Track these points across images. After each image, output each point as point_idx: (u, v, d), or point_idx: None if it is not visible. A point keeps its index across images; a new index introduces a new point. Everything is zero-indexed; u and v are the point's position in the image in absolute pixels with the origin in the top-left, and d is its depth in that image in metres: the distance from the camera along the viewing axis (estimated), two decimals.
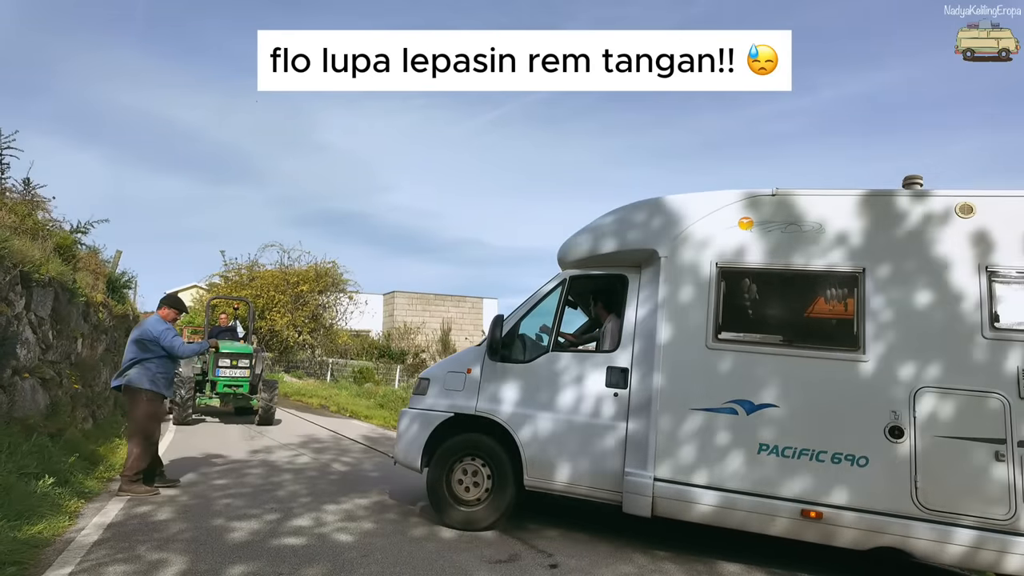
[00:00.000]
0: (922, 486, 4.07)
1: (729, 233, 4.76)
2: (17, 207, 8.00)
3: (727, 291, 4.74)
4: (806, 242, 4.59)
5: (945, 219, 4.35)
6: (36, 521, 4.51)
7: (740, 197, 4.80)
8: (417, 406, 5.52)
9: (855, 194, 4.59)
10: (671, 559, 4.63)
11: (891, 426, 4.18)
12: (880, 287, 4.38)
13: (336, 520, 5.16)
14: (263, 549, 4.35)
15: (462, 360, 5.57)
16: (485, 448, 5.17)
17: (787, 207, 4.70)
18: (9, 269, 6.47)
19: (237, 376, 11.52)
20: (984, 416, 4.03)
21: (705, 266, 4.77)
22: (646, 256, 5.00)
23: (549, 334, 5.26)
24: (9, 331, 6.41)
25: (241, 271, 22.54)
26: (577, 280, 5.40)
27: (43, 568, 3.84)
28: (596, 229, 5.27)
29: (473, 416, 5.21)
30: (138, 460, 5.79)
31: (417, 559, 4.32)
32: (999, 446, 3.97)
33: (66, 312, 8.34)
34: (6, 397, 6.30)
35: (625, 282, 5.14)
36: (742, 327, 4.78)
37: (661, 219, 4.98)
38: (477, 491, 5.13)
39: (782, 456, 4.36)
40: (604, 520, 5.34)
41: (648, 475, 4.58)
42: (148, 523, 4.84)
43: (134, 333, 6.13)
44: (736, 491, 4.42)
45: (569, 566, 4.36)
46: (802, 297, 4.77)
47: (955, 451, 4.05)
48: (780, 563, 4.64)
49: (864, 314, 4.37)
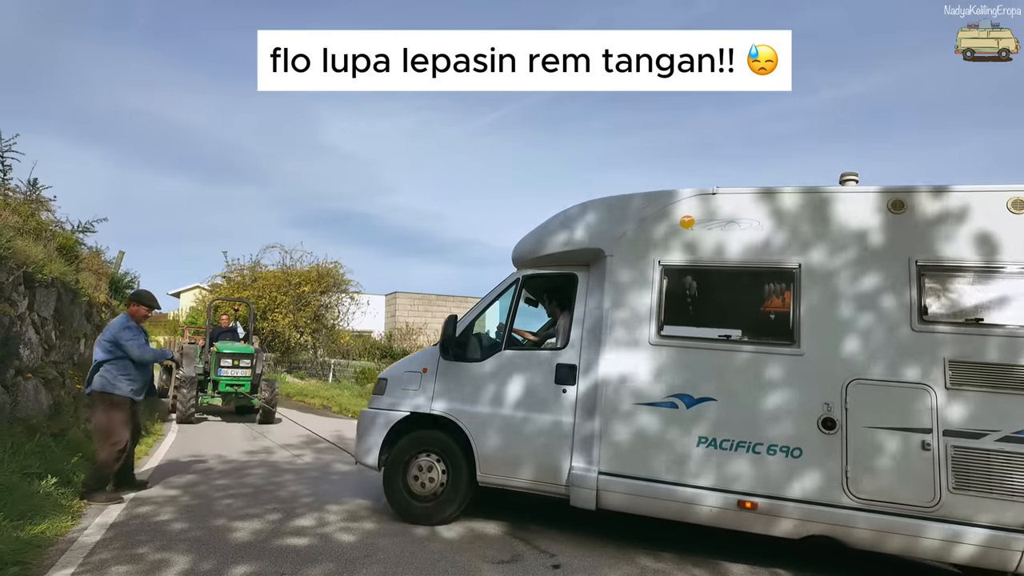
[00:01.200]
0: (852, 476, 4.18)
1: (672, 232, 4.89)
2: (20, 208, 8.01)
3: (669, 288, 4.86)
4: (745, 239, 4.70)
5: (878, 215, 4.46)
6: (39, 521, 4.51)
7: (682, 196, 4.92)
8: (375, 406, 5.61)
9: (792, 192, 4.70)
10: (674, 560, 4.61)
11: (824, 418, 4.28)
12: (815, 282, 4.49)
13: (338, 520, 5.16)
14: (265, 549, 4.35)
15: (418, 360, 5.65)
16: (440, 444, 5.27)
17: (727, 206, 4.80)
18: (12, 270, 6.48)
19: (239, 376, 11.76)
20: (912, 407, 4.14)
21: (648, 264, 4.89)
22: (593, 255, 5.11)
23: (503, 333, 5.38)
24: (12, 331, 6.42)
25: (243, 272, 22.56)
26: (530, 279, 5.53)
27: (46, 568, 3.85)
28: (547, 229, 5.38)
29: (429, 414, 5.31)
30: (101, 468, 5.51)
31: (420, 559, 4.31)
32: (925, 436, 4.08)
33: (69, 312, 8.35)
34: (9, 397, 6.30)
35: (575, 281, 5.24)
36: (683, 323, 4.93)
37: (607, 219, 5.09)
38: (432, 486, 5.21)
39: (720, 448, 4.47)
40: (607, 521, 5.33)
41: (593, 469, 4.71)
42: (150, 523, 4.84)
43: (101, 333, 5.94)
44: (676, 483, 4.53)
45: (572, 566, 4.35)
46: (741, 293, 4.87)
47: (884, 441, 4.17)
48: (784, 564, 4.63)
49: (799, 309, 4.48)
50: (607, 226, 5.06)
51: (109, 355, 5.66)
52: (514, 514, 5.47)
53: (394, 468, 5.31)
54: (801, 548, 4.49)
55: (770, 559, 4.68)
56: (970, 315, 4.21)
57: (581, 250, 5.15)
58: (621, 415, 4.72)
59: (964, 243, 4.26)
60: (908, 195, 4.43)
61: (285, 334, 21.96)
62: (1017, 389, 3.99)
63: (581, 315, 5.10)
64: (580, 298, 5.17)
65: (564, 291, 5.39)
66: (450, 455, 5.21)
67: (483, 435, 5.11)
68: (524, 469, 4.98)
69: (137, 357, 5.73)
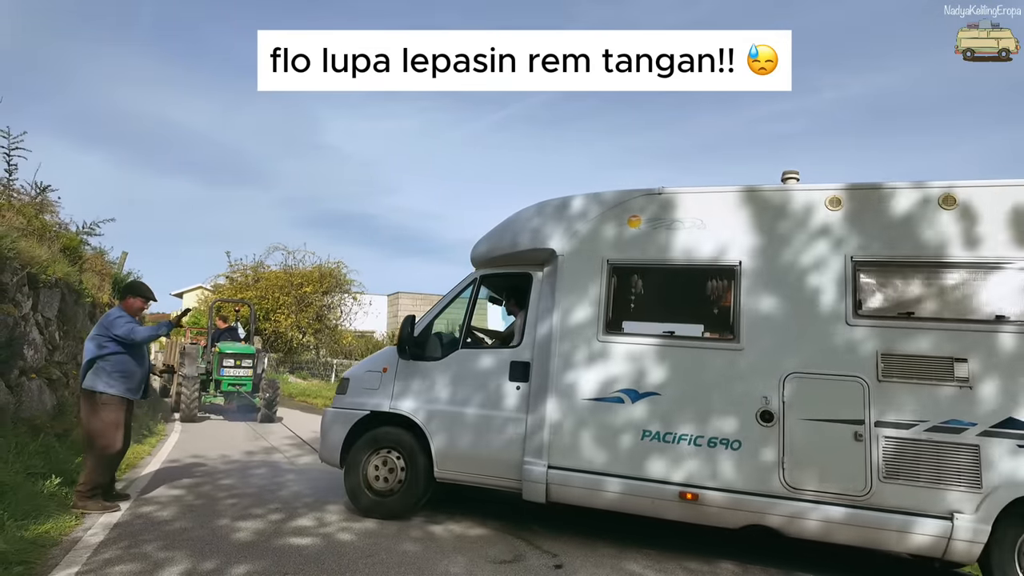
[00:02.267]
0: (788, 467, 4.29)
1: (619, 231, 5.00)
2: (25, 209, 8.05)
3: (617, 287, 4.98)
4: (689, 238, 4.81)
5: (815, 212, 4.56)
6: (43, 521, 4.54)
7: (630, 196, 5.03)
8: (338, 405, 5.71)
9: (734, 190, 4.81)
10: (675, 559, 4.62)
11: (762, 411, 4.39)
12: (754, 279, 4.61)
13: (339, 520, 5.17)
14: (268, 549, 4.37)
15: (379, 360, 5.75)
16: (398, 441, 5.36)
17: (672, 205, 4.91)
18: (16, 270, 6.52)
19: (240, 375, 12.03)
20: (845, 399, 4.25)
21: (597, 263, 4.99)
22: (546, 255, 5.20)
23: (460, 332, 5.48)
24: (16, 332, 6.46)
25: (246, 272, 22.59)
26: (488, 278, 5.67)
27: (50, 567, 3.86)
28: (504, 229, 5.50)
29: (388, 413, 5.41)
30: (94, 473, 5.15)
31: (421, 559, 4.33)
32: (858, 427, 4.19)
33: (72, 313, 8.39)
34: (13, 397, 6.34)
35: (529, 280, 5.34)
36: (630, 321, 5.06)
37: (559, 219, 5.20)
38: (391, 482, 5.31)
39: (663, 441, 4.59)
40: (608, 521, 5.34)
41: (543, 463, 4.82)
42: (153, 523, 4.86)
43: (92, 331, 5.52)
44: (622, 476, 4.64)
45: (574, 566, 4.36)
46: (685, 290, 5.00)
47: (819, 433, 4.27)
48: (779, 563, 4.63)
49: (739, 305, 4.59)
50: (559, 227, 5.17)
51: (103, 350, 5.25)
52: (515, 514, 5.48)
53: (354, 464, 5.40)
54: (798, 547, 4.49)
55: (768, 558, 4.69)
56: (902, 309, 4.34)
57: (535, 250, 5.25)
58: (570, 410, 4.84)
59: (898, 239, 4.37)
60: (845, 192, 4.54)
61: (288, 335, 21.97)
62: (944, 380, 4.10)
63: (535, 314, 5.21)
64: (534, 297, 5.27)
65: (520, 290, 5.50)
66: (408, 452, 5.30)
67: (440, 432, 5.22)
68: (480, 465, 5.11)
69: (137, 337, 5.29)
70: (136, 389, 5.47)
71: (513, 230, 5.42)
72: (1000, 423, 3.97)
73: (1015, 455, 3.92)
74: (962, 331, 4.14)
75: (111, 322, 5.29)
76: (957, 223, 4.26)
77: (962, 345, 4.11)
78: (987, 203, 4.24)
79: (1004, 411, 3.97)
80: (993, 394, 4.01)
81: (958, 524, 3.93)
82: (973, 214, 4.25)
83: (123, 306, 5.56)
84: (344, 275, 23.70)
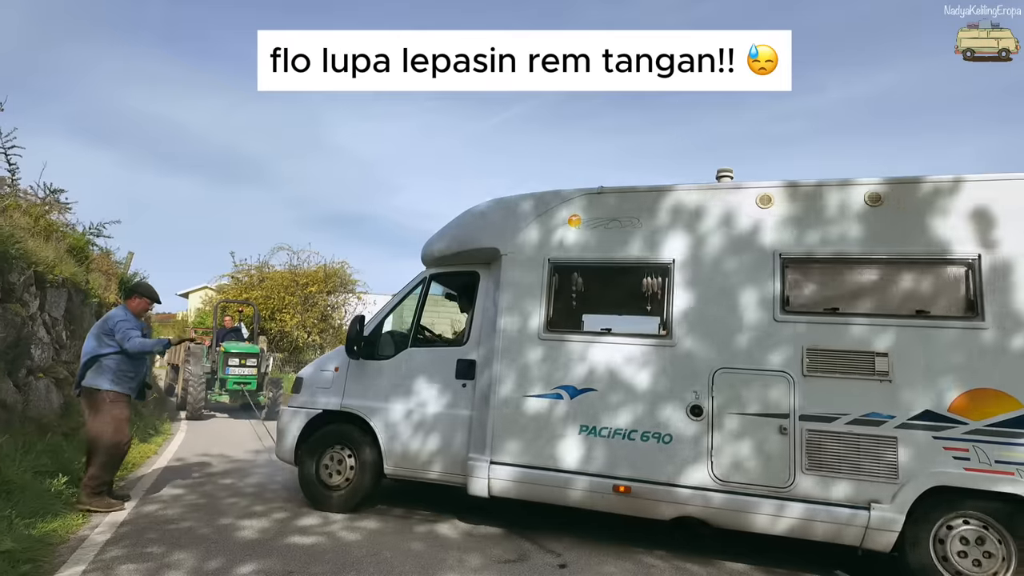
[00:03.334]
0: (717, 460, 4.42)
1: (560, 230, 5.09)
2: (31, 209, 8.09)
3: (558, 285, 5.07)
4: (626, 236, 4.91)
5: (747, 210, 4.66)
6: (50, 519, 4.58)
7: (571, 196, 5.12)
8: (292, 404, 5.83)
9: (670, 189, 4.90)
10: (679, 559, 4.62)
11: (692, 405, 4.52)
12: (687, 276, 4.71)
13: (342, 519, 5.19)
14: (273, 547, 4.39)
15: (331, 359, 5.86)
16: (349, 438, 5.50)
17: (611, 204, 5.01)
18: (23, 270, 6.56)
19: (245, 374, 12.19)
20: (771, 393, 4.37)
21: (539, 262, 5.08)
22: (492, 254, 5.29)
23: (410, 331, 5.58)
24: (24, 331, 6.49)
25: (251, 272, 22.65)
26: (438, 277, 5.78)
27: (57, 565, 3.90)
28: (452, 228, 5.59)
29: (339, 411, 5.54)
30: (102, 470, 5.14)
31: (425, 558, 4.34)
32: (783, 420, 4.31)
33: (79, 312, 8.43)
34: (21, 397, 6.38)
35: (477, 278, 5.45)
36: (570, 318, 5.13)
37: (503, 218, 5.28)
38: (341, 477, 5.46)
39: (599, 436, 4.71)
40: (613, 522, 5.34)
41: (485, 458, 4.94)
42: (159, 522, 4.89)
43: (94, 326, 5.46)
44: (560, 470, 4.76)
45: (579, 565, 4.36)
46: (623, 288, 5.06)
47: (746, 427, 4.40)
48: (786, 563, 4.62)
49: (672, 302, 4.70)
50: (503, 225, 5.25)
51: (109, 348, 5.23)
52: (518, 514, 5.49)
53: (308, 460, 5.54)
54: (801, 547, 4.48)
55: (769, 558, 4.68)
56: (828, 304, 4.43)
57: (480, 249, 5.34)
58: (512, 407, 4.95)
59: (825, 236, 4.46)
60: (776, 190, 4.62)
61: (293, 334, 22.01)
62: (866, 374, 4.20)
63: (481, 312, 5.33)
64: (481, 296, 5.38)
65: (469, 289, 5.61)
66: (357, 448, 5.44)
67: (389, 430, 5.35)
68: (427, 461, 5.24)
69: (135, 349, 5.24)
70: (137, 389, 5.48)
71: (460, 229, 5.51)
72: (917, 415, 4.09)
73: (930, 446, 4.04)
74: (884, 326, 4.25)
75: (113, 323, 5.26)
76: (882, 220, 4.36)
77: (883, 340, 4.22)
78: (911, 200, 4.34)
79: (921, 404, 4.09)
80: (911, 387, 4.13)
81: (875, 514, 4.05)
82: (898, 211, 4.35)
83: (128, 306, 5.53)
84: (348, 275, 23.70)
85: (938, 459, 4.01)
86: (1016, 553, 3.90)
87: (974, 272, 4.14)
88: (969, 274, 4.16)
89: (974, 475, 3.94)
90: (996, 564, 3.93)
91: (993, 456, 3.92)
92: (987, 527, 3.98)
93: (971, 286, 4.14)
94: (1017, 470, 3.88)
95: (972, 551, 3.98)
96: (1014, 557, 3.90)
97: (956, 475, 3.98)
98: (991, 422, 3.96)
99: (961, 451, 3.98)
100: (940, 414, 4.05)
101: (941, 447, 4.02)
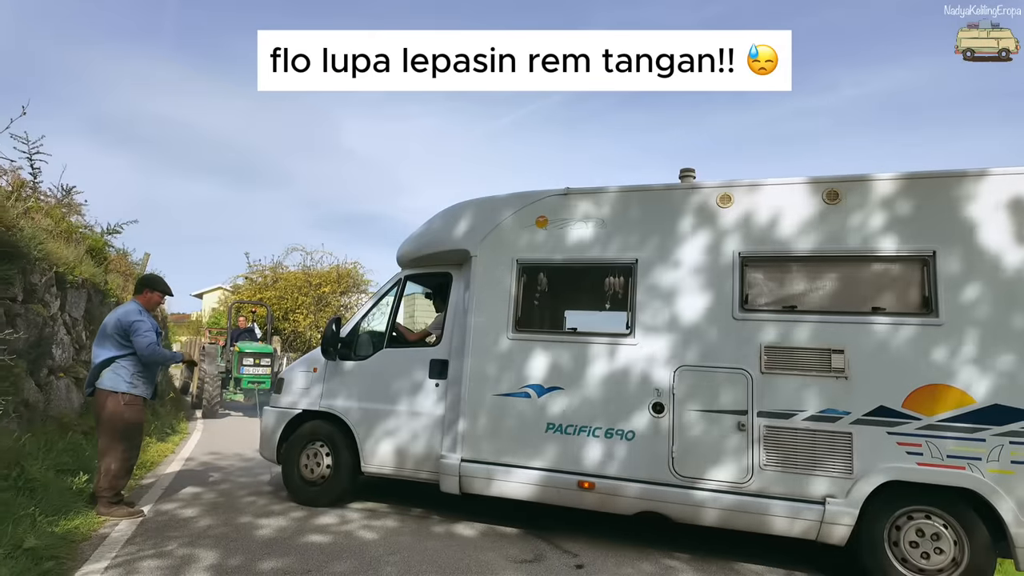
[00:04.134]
0: (677, 456, 4.50)
1: (528, 232, 5.17)
2: (52, 211, 8.20)
3: (525, 285, 5.16)
4: (591, 237, 4.99)
5: (707, 209, 4.72)
6: (72, 517, 4.63)
7: (538, 197, 5.19)
8: (274, 404, 6.01)
9: (633, 190, 4.98)
10: (695, 561, 4.59)
11: (654, 403, 4.61)
12: (649, 275, 4.79)
13: (360, 518, 5.21)
14: (291, 546, 4.41)
15: (310, 360, 5.99)
16: (326, 435, 5.67)
17: (577, 205, 5.08)
18: (45, 271, 6.64)
19: (259, 374, 12.43)
20: (731, 391, 4.43)
21: (507, 263, 5.18)
22: (463, 255, 5.39)
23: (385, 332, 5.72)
24: (45, 332, 6.58)
25: (265, 272, 22.80)
26: (412, 279, 5.92)
27: (80, 562, 3.94)
28: (425, 230, 5.68)
29: (318, 411, 5.71)
30: (116, 478, 4.98)
31: (442, 557, 4.34)
32: (742, 417, 4.38)
33: (98, 313, 8.53)
34: (43, 396, 6.46)
35: (450, 279, 5.57)
36: (537, 317, 5.26)
37: (473, 220, 5.37)
38: (319, 472, 5.63)
39: (565, 433, 4.81)
40: (629, 523, 5.32)
41: (456, 456, 5.08)
42: (178, 520, 4.93)
43: (106, 324, 5.14)
44: (527, 467, 4.87)
45: (595, 566, 4.35)
46: (588, 288, 5.16)
47: (705, 423, 4.47)
48: (800, 566, 4.58)
49: (635, 301, 4.78)
50: (473, 227, 5.35)
51: (123, 350, 5.05)
52: (535, 514, 5.48)
53: (289, 456, 5.72)
54: (814, 549, 4.44)
55: (787, 560, 4.64)
56: (786, 303, 4.49)
57: (452, 251, 5.44)
58: (482, 405, 5.06)
59: (784, 234, 4.50)
60: (734, 189, 4.67)
61: (306, 334, 22.14)
62: (822, 371, 4.25)
63: (453, 312, 5.45)
64: (453, 296, 5.50)
65: (442, 289, 5.72)
66: (334, 446, 5.60)
67: (365, 429, 5.50)
68: (401, 459, 5.37)
69: (150, 357, 5.08)
70: (153, 390, 5.36)
71: (432, 231, 5.60)
72: (872, 411, 4.13)
73: (884, 442, 4.08)
74: (840, 323, 4.29)
75: (130, 324, 5.04)
76: (840, 218, 4.39)
77: (840, 337, 4.26)
78: (868, 197, 4.36)
79: (876, 400, 4.13)
80: (867, 384, 4.16)
81: (829, 508, 4.11)
82: (855, 208, 4.37)
83: (140, 300, 5.32)
84: (361, 275, 23.81)
85: (892, 454, 4.06)
86: (968, 546, 3.92)
87: (929, 269, 4.16)
88: (924, 271, 4.18)
89: (927, 470, 3.99)
90: (948, 558, 3.96)
91: (945, 451, 3.96)
92: (941, 521, 4.01)
93: (926, 283, 4.17)
94: (968, 464, 3.92)
95: (925, 545, 4.02)
96: (967, 550, 3.92)
97: (909, 470, 4.02)
98: (943, 417, 4.00)
99: (914, 446, 4.03)
100: (895, 410, 4.09)
101: (895, 442, 4.06)
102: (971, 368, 3.98)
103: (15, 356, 5.49)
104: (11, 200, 6.52)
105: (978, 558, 3.89)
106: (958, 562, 3.93)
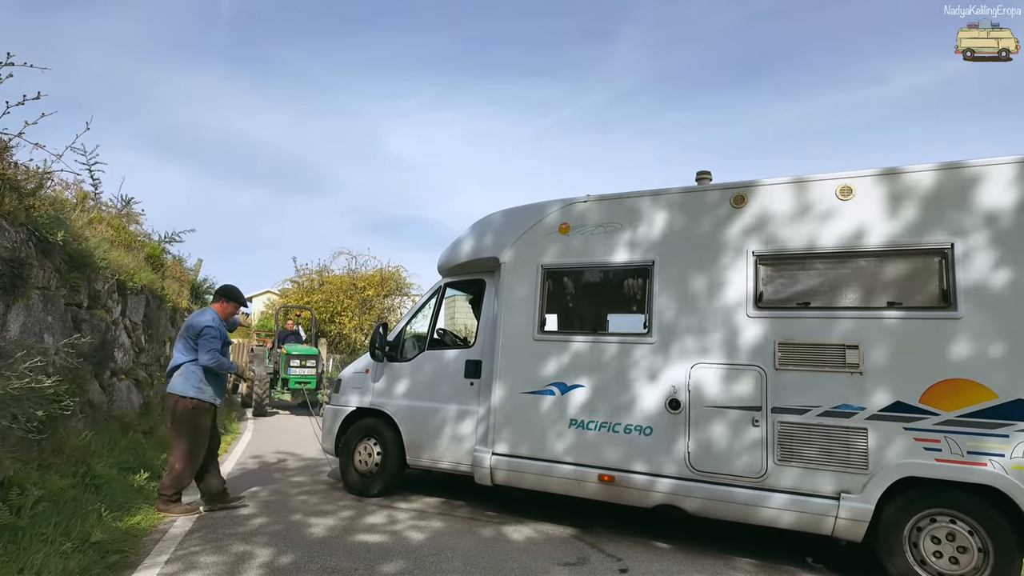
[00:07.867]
0: (693, 451, 4.60)
1: (552, 238, 5.42)
2: (114, 220, 8.60)
3: (550, 289, 5.41)
4: (611, 240, 5.17)
5: (722, 210, 4.79)
6: (134, 512, 4.85)
7: (561, 205, 5.43)
8: (333, 403, 6.56)
9: (650, 193, 5.09)
10: (743, 566, 4.50)
11: (671, 399, 4.72)
12: (666, 276, 4.91)
13: (408, 518, 5.30)
14: (341, 545, 4.52)
15: (363, 362, 6.48)
16: (377, 431, 6.13)
17: (597, 211, 5.27)
18: (107, 278, 6.98)
19: (306, 374, 12.89)
20: (745, 387, 4.49)
21: (533, 268, 5.45)
22: (494, 263, 5.71)
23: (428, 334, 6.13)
24: (108, 336, 6.91)
25: (311, 276, 23.36)
26: (451, 286, 6.30)
27: (143, 556, 4.13)
28: (461, 240, 6.01)
29: (369, 408, 6.21)
30: (179, 478, 5.13)
31: (488, 559, 4.38)
32: (756, 413, 4.42)
33: (156, 317, 8.91)
34: (106, 397, 6.79)
35: (483, 286, 5.93)
36: (561, 319, 5.46)
37: (502, 229, 5.69)
38: (370, 464, 6.11)
39: (586, 429, 5.02)
40: (674, 527, 5.26)
41: (487, 450, 5.40)
42: (233, 517, 5.11)
43: (184, 325, 5.38)
44: (552, 460, 5.12)
45: (639, 570, 4.31)
46: (608, 290, 5.31)
47: (720, 419, 4.54)
48: (840, 568, 4.44)
49: (652, 301, 4.92)
50: (503, 235, 5.67)
51: (194, 354, 5.22)
52: (579, 517, 5.48)
53: (346, 450, 6.24)
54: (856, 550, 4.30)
55: (841, 565, 4.50)
56: (800, 299, 4.49)
57: (485, 259, 5.77)
58: (510, 402, 5.35)
59: (797, 232, 4.52)
60: (748, 189, 4.72)
61: (351, 336, 22.57)
62: (837, 367, 4.22)
63: (486, 316, 5.80)
64: (486, 301, 5.85)
65: (478, 295, 6.12)
66: (383, 441, 6.05)
67: (409, 424, 5.93)
68: (440, 452, 5.73)
69: (207, 364, 5.21)
70: (220, 394, 5.45)
71: (468, 241, 5.94)
72: (888, 407, 4.08)
73: (901, 437, 4.02)
74: (855, 319, 4.25)
75: (201, 329, 5.19)
76: (854, 213, 4.36)
77: (854, 332, 4.23)
78: (882, 192, 4.30)
79: (892, 395, 4.08)
80: (882, 379, 4.12)
81: (844, 503, 4.10)
82: (869, 203, 4.33)
83: (217, 309, 5.48)
84: (404, 279, 24.15)
85: (909, 450, 3.99)
86: (992, 545, 3.77)
87: (947, 261, 4.06)
88: (942, 264, 4.09)
89: (945, 466, 3.89)
90: (971, 560, 3.82)
91: (965, 447, 3.86)
92: (965, 526, 3.87)
93: (944, 276, 4.07)
94: (990, 460, 3.79)
95: (946, 548, 3.90)
96: (991, 549, 3.77)
97: (927, 466, 3.94)
98: (963, 412, 3.88)
99: (932, 442, 3.95)
100: (912, 405, 4.02)
101: (912, 438, 3.99)
102: (991, 362, 3.86)
103: (81, 359, 5.78)
104: (76, 211, 6.87)
105: (1002, 559, 3.74)
106: (980, 567, 3.80)
